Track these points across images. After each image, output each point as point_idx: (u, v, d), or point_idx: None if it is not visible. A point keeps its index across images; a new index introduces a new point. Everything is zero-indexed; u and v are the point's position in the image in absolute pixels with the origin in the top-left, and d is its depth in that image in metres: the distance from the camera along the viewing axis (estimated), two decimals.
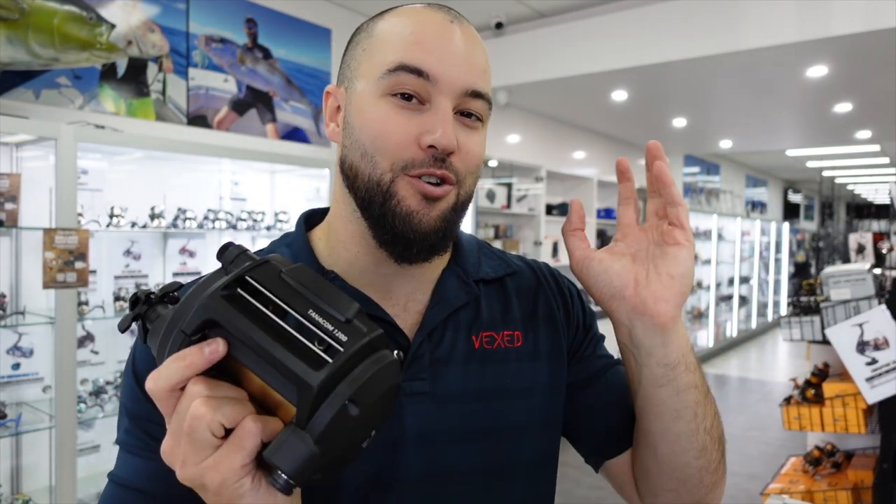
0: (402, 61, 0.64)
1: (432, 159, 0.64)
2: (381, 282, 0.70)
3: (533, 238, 5.19)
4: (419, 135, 0.63)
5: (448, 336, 0.71)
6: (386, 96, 0.64)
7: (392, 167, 0.64)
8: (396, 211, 0.64)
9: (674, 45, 3.68)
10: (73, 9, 2.23)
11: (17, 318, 2.23)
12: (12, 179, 2.12)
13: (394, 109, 0.64)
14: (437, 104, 0.64)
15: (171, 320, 0.49)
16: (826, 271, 2.40)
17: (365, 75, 0.66)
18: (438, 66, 0.64)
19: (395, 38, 0.66)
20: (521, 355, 0.75)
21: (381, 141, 0.64)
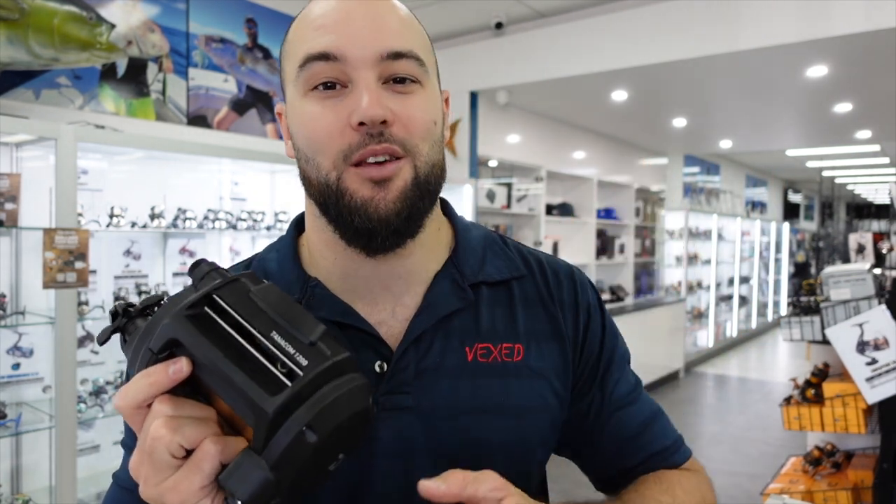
0: (306, 52, 0.62)
1: (368, 137, 0.60)
2: (363, 287, 0.67)
3: (533, 238, 5.19)
4: (348, 117, 0.60)
5: (437, 345, 0.66)
6: (308, 93, 0.62)
7: (334, 163, 0.61)
8: (351, 205, 0.61)
9: (674, 45, 3.68)
10: (74, 9, 2.23)
11: (17, 318, 2.23)
12: (12, 179, 2.12)
13: (318, 103, 0.62)
14: (355, 80, 0.61)
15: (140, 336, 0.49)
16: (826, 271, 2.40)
17: (289, 80, 0.65)
18: (341, 43, 0.61)
19: (300, 32, 0.64)
20: (520, 371, 0.68)
21: (316, 140, 0.62)
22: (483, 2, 3.91)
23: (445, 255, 0.71)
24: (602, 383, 0.74)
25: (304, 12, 0.66)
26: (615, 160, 6.76)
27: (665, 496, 0.69)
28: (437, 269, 0.69)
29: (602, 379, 0.74)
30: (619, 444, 0.74)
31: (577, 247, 5.91)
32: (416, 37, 0.65)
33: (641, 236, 6.94)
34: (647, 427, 0.75)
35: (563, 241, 5.72)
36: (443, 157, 0.67)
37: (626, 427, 0.74)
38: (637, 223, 6.78)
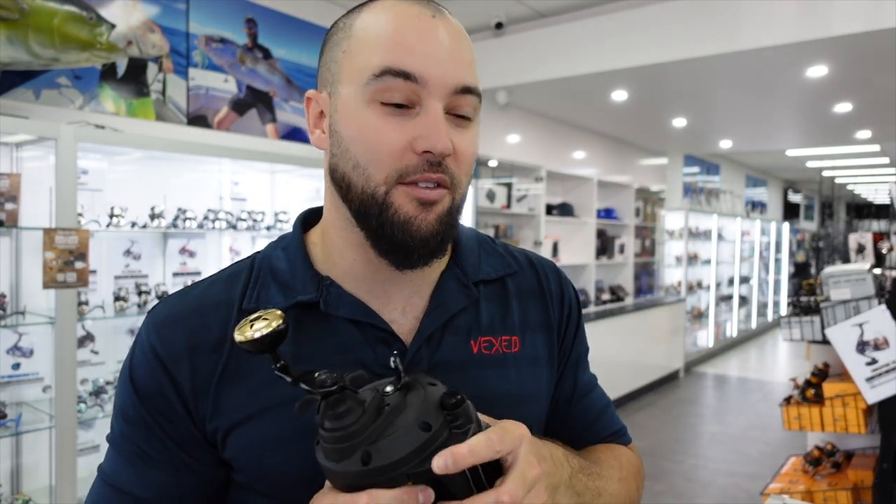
0: (387, 65, 0.61)
1: (427, 164, 0.61)
2: (378, 287, 0.69)
3: (533, 238, 5.19)
4: (412, 140, 0.61)
5: (446, 341, 0.69)
6: (374, 103, 0.62)
7: (387, 179, 0.62)
8: (394, 220, 0.62)
9: (674, 45, 3.68)
10: (74, 9, 2.23)
11: (17, 318, 2.23)
12: (12, 179, 2.12)
13: (383, 117, 0.61)
14: (427, 107, 0.61)
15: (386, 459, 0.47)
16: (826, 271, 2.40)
17: (349, 80, 0.63)
18: (425, 67, 0.61)
19: (377, 37, 0.62)
20: (518, 361, 0.73)
21: (373, 153, 0.61)
22: (483, 2, 3.91)
23: (447, 256, 0.74)
24: (575, 372, 0.82)
25: (379, 17, 0.63)
26: (615, 160, 6.76)
27: (614, 461, 0.77)
28: (442, 269, 0.73)
29: (576, 367, 0.82)
30: (584, 425, 0.82)
31: (577, 247, 5.91)
32: (476, 70, 0.66)
33: (641, 236, 6.94)
34: (605, 412, 0.84)
35: (563, 241, 5.72)
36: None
37: (591, 411, 0.82)
38: (637, 223, 6.78)
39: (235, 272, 0.71)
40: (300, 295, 0.66)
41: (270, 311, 0.52)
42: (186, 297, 0.69)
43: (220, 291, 0.68)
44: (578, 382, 0.82)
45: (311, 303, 0.66)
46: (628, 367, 5.81)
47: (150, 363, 0.65)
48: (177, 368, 0.64)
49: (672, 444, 4.75)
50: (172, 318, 0.67)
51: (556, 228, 5.65)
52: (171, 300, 0.69)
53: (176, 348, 0.65)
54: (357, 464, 0.47)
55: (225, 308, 0.67)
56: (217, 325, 0.66)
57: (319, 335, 0.66)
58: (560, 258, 5.62)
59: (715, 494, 3.82)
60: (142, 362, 0.66)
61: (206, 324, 0.66)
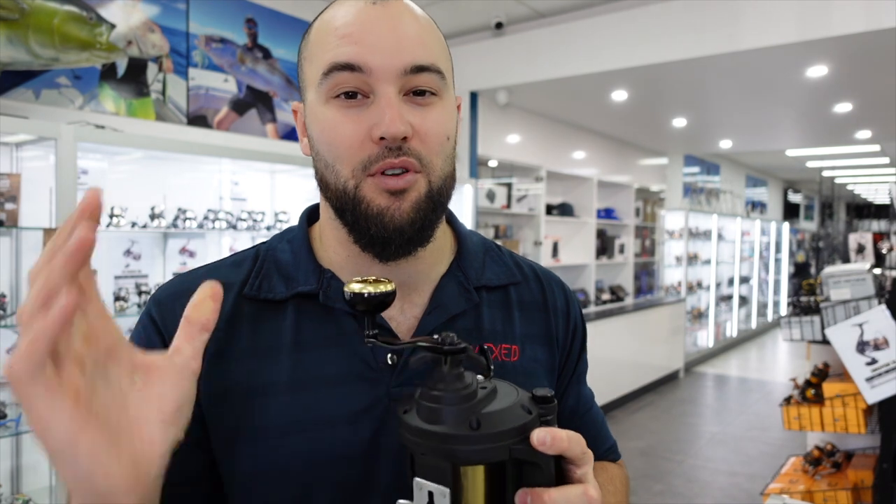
0: (332, 61, 0.62)
1: (387, 150, 0.62)
2: None
3: (533, 238, 5.19)
4: (369, 130, 0.62)
5: None
6: (330, 100, 0.63)
7: (353, 172, 0.63)
8: (367, 213, 0.63)
9: (674, 45, 3.68)
10: (74, 9, 2.23)
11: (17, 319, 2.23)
12: (12, 179, 2.12)
13: (340, 112, 0.63)
14: (378, 93, 0.62)
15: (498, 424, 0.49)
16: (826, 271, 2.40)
17: (310, 84, 0.66)
18: (367, 55, 0.61)
19: (325, 38, 0.64)
20: (517, 370, 0.73)
21: (335, 147, 0.63)
22: (483, 2, 3.91)
23: (450, 259, 0.75)
24: (578, 387, 0.83)
25: (328, 16, 0.66)
26: (615, 160, 6.76)
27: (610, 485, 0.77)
28: (443, 272, 0.73)
29: (578, 383, 0.83)
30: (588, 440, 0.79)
31: (577, 247, 5.91)
32: (437, 47, 0.66)
33: (641, 236, 6.94)
34: (603, 427, 0.86)
35: (563, 241, 5.72)
36: (454, 169, 0.69)
37: (592, 426, 0.83)
38: (637, 223, 6.78)
39: (240, 260, 0.73)
40: (301, 286, 0.68)
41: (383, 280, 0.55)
42: (189, 276, 0.71)
43: (223, 275, 0.69)
44: (581, 398, 0.83)
45: (312, 294, 0.68)
46: (628, 367, 5.81)
47: (149, 335, 0.67)
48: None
49: (672, 444, 4.74)
50: (174, 294, 0.68)
51: (556, 228, 5.65)
52: (175, 280, 0.71)
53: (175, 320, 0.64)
54: (465, 427, 0.48)
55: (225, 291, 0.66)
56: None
57: (320, 325, 0.67)
58: (560, 258, 5.62)
59: (715, 494, 3.82)
60: (143, 336, 0.67)
61: None
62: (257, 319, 0.68)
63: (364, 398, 0.65)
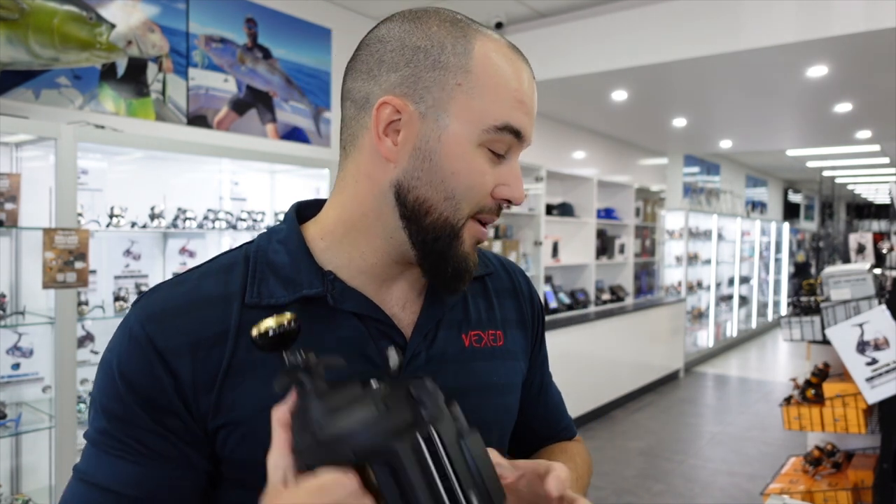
0: (509, 123, 0.66)
1: (498, 208, 0.69)
2: (380, 284, 0.71)
3: (533, 238, 5.19)
4: (496, 185, 0.67)
5: (441, 335, 0.73)
6: (483, 147, 0.66)
7: (469, 214, 0.67)
8: (458, 252, 0.68)
9: (674, 45, 3.68)
10: (73, 9, 2.23)
11: (17, 318, 2.23)
12: (12, 179, 2.12)
13: (488, 162, 0.67)
14: (513, 158, 0.69)
15: (333, 429, 0.48)
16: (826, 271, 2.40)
17: (464, 118, 0.65)
18: (529, 128, 0.68)
19: (502, 89, 0.66)
20: (504, 354, 0.79)
21: (472, 191, 0.66)
22: (483, 2, 3.91)
23: None
24: (542, 366, 0.90)
25: (501, 63, 0.67)
26: (615, 160, 6.75)
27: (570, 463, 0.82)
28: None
29: (542, 362, 0.90)
30: (548, 415, 0.90)
31: (577, 247, 5.91)
32: None
33: (641, 236, 6.93)
34: (562, 404, 0.94)
35: (563, 241, 5.72)
36: None
37: (552, 401, 0.91)
38: (637, 223, 6.78)
39: (228, 264, 0.69)
40: (305, 289, 0.67)
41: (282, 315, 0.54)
42: (178, 289, 0.67)
43: (215, 284, 0.67)
44: (545, 376, 0.91)
45: (317, 297, 0.67)
46: (628, 367, 5.81)
47: (145, 355, 0.63)
48: (177, 362, 0.63)
49: (672, 444, 4.74)
50: (169, 311, 0.65)
51: (556, 228, 5.65)
52: (163, 293, 0.67)
53: (177, 343, 0.63)
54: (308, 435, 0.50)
55: (223, 302, 0.66)
56: (216, 319, 0.65)
57: (324, 329, 0.67)
58: (560, 258, 5.62)
59: (715, 494, 3.82)
60: (134, 354, 0.63)
61: (205, 319, 0.65)
62: None
63: None
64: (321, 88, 3.60)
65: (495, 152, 0.67)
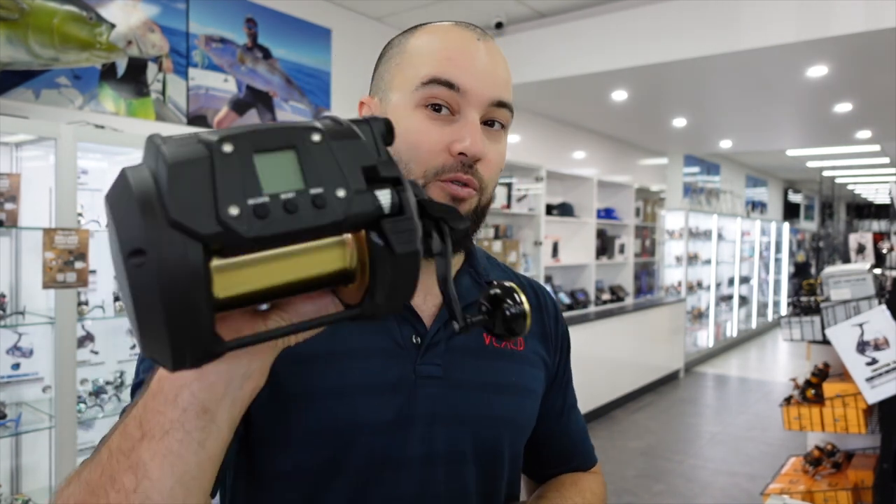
0: (434, 75, 0.69)
1: (461, 165, 0.69)
2: None
3: (533, 238, 5.19)
4: (450, 143, 0.69)
5: None
6: (419, 107, 0.70)
7: (425, 174, 0.69)
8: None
9: (674, 45, 3.68)
10: (73, 9, 2.23)
11: (17, 318, 2.23)
12: (12, 179, 2.12)
13: (427, 120, 0.70)
14: (465, 114, 0.70)
15: None
16: (826, 271, 2.40)
17: (399, 88, 0.72)
18: (467, 80, 0.70)
19: (428, 53, 0.71)
20: (523, 359, 0.81)
21: (415, 150, 0.69)
22: (483, 2, 3.91)
23: (461, 260, 0.83)
24: (565, 389, 0.90)
25: (432, 35, 0.73)
26: (615, 160, 6.75)
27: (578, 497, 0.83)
28: (457, 268, 0.81)
29: (565, 385, 0.91)
30: (567, 440, 0.91)
31: (577, 247, 5.91)
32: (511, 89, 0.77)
33: (641, 236, 6.93)
34: (584, 429, 0.94)
35: (563, 241, 5.72)
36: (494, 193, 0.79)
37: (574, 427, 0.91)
38: (637, 223, 6.77)
39: None
40: None
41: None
42: None
43: None
44: (568, 399, 0.91)
45: None
46: (628, 367, 5.81)
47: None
48: None
49: (672, 444, 4.74)
50: None
51: (556, 228, 5.64)
52: None
53: None
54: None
55: None
56: None
57: None
58: (560, 258, 5.62)
59: (715, 494, 3.82)
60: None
61: None
62: None
63: (394, 372, 0.71)
64: (321, 88, 3.60)
65: (435, 108, 0.69)
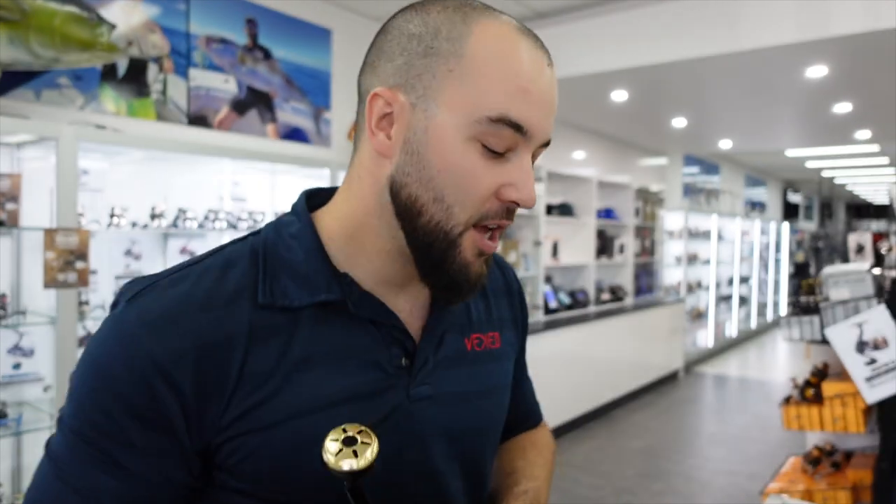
0: (507, 114, 0.58)
1: (506, 211, 0.62)
2: (391, 290, 0.68)
3: (533, 238, 5.19)
4: (500, 186, 0.60)
5: (447, 340, 0.71)
6: (475, 141, 0.59)
7: (467, 221, 0.61)
8: (457, 260, 0.62)
9: (674, 45, 3.68)
10: (74, 9, 2.23)
11: (17, 318, 2.23)
12: (13, 180, 2.12)
13: (481, 158, 0.59)
14: (521, 155, 0.61)
15: None
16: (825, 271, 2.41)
17: (453, 107, 0.58)
18: (537, 122, 0.60)
19: (499, 77, 0.58)
20: (500, 356, 0.77)
21: (465, 194, 0.60)
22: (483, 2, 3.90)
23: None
24: (522, 356, 0.88)
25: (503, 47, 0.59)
26: (615, 160, 6.75)
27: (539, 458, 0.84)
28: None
29: (522, 352, 0.88)
30: (522, 404, 0.89)
31: (577, 247, 5.91)
32: None
33: (641, 236, 6.94)
34: (533, 394, 0.93)
35: (562, 241, 5.72)
36: None
37: (527, 390, 0.91)
38: (637, 223, 6.78)
39: (231, 259, 0.64)
40: (323, 293, 0.63)
41: (364, 432, 0.55)
42: (179, 288, 0.60)
43: (220, 282, 0.61)
44: (523, 367, 0.90)
45: (334, 302, 0.63)
46: (628, 367, 5.81)
47: (141, 368, 0.56)
48: (179, 373, 0.57)
49: (672, 443, 4.75)
50: (169, 315, 0.58)
51: (556, 228, 5.65)
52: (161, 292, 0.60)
53: (179, 350, 0.57)
54: None
55: (231, 302, 0.60)
56: (224, 321, 0.59)
57: (338, 335, 0.63)
58: (560, 258, 5.62)
59: (714, 494, 3.82)
60: (129, 365, 0.56)
61: (211, 321, 0.59)
62: (275, 333, 0.61)
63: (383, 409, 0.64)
64: (321, 89, 3.61)
65: (492, 149, 0.59)
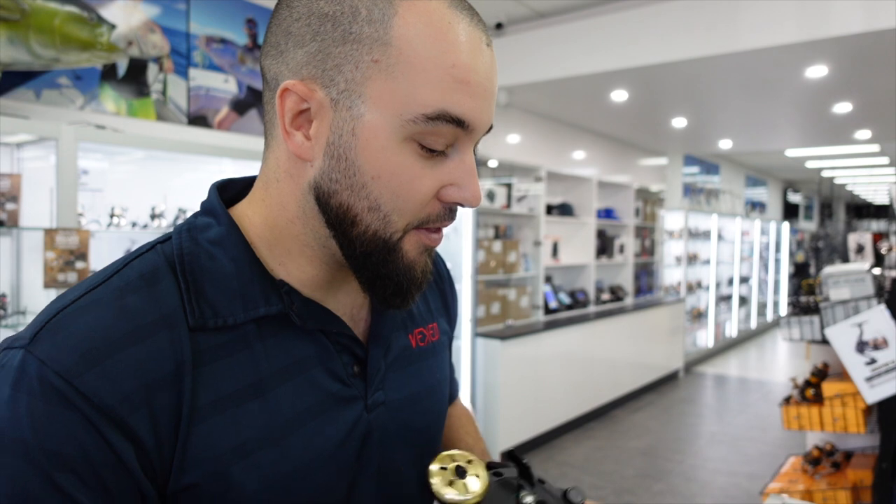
0: (446, 110, 0.51)
1: (449, 212, 0.56)
2: (330, 296, 0.62)
3: (533, 238, 5.19)
4: (442, 187, 0.54)
5: (393, 341, 0.67)
6: (411, 142, 0.52)
7: (406, 227, 0.55)
8: (400, 265, 0.56)
9: (674, 45, 3.68)
10: (74, 9, 2.23)
11: (17, 318, 2.23)
12: (13, 180, 2.12)
13: (419, 159, 0.53)
14: (462, 151, 0.54)
15: None
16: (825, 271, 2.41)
17: (382, 104, 0.51)
18: (478, 115, 0.53)
19: (434, 66, 0.50)
20: (440, 349, 0.74)
21: (402, 200, 0.53)
22: (483, 2, 3.91)
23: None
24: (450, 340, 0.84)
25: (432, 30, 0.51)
26: (615, 160, 6.76)
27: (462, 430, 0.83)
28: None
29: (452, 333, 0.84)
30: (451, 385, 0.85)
31: (577, 247, 5.92)
32: None
33: (641, 236, 6.94)
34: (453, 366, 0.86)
35: (562, 241, 5.72)
36: None
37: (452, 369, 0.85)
38: (637, 223, 6.78)
39: (148, 273, 0.54)
40: (262, 307, 0.56)
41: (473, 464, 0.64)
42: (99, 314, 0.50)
43: (145, 303, 0.52)
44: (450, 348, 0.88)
45: (277, 315, 0.57)
46: (628, 367, 5.81)
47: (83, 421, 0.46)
48: (134, 419, 0.48)
49: (672, 444, 4.75)
50: (104, 348, 0.48)
51: (556, 228, 5.65)
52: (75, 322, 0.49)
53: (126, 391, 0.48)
54: None
55: (166, 327, 0.52)
56: (165, 351, 0.51)
57: (286, 350, 0.57)
58: (560, 258, 5.62)
59: (714, 494, 3.83)
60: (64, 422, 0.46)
61: (152, 351, 0.50)
62: (214, 358, 0.53)
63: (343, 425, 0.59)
64: None
65: (430, 148, 0.52)
